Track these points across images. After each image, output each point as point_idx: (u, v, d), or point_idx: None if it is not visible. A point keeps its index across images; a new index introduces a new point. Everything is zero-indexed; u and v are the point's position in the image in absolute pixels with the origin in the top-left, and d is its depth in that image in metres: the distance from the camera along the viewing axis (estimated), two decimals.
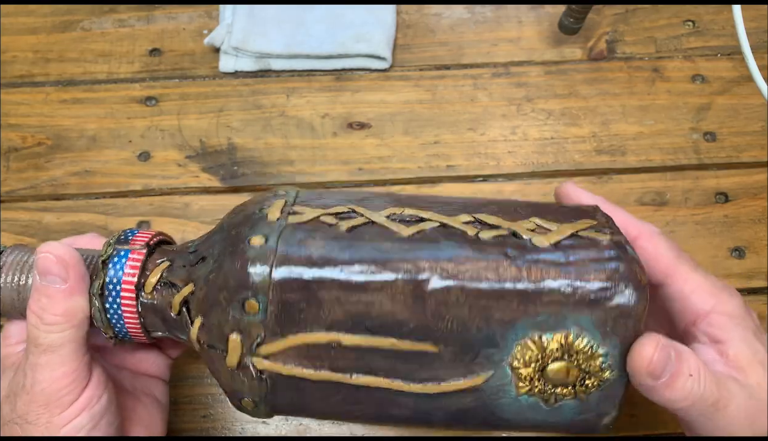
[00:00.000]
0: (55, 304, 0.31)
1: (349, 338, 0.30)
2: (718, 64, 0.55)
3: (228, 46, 0.54)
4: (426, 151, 0.52)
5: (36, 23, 0.57)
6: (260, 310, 0.30)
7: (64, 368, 0.31)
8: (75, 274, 0.32)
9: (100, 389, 0.33)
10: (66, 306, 0.32)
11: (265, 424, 0.45)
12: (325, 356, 0.31)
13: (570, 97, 0.54)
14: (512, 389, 0.31)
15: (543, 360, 0.30)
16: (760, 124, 0.52)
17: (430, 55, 0.56)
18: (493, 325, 0.30)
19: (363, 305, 0.30)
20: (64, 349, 0.31)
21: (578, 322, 0.30)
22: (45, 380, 0.31)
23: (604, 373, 0.30)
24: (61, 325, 0.31)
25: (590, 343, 0.30)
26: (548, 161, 0.52)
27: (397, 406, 0.32)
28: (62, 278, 0.32)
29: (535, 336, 0.30)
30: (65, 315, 0.32)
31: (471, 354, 0.30)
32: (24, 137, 0.53)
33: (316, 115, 0.53)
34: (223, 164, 0.52)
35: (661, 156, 0.52)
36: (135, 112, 0.54)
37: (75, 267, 0.32)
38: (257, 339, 0.31)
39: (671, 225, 0.50)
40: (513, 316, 0.30)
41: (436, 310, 0.30)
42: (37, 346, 0.31)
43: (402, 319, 0.30)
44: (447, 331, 0.30)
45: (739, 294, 0.34)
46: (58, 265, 0.32)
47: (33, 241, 0.49)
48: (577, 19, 0.51)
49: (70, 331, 0.32)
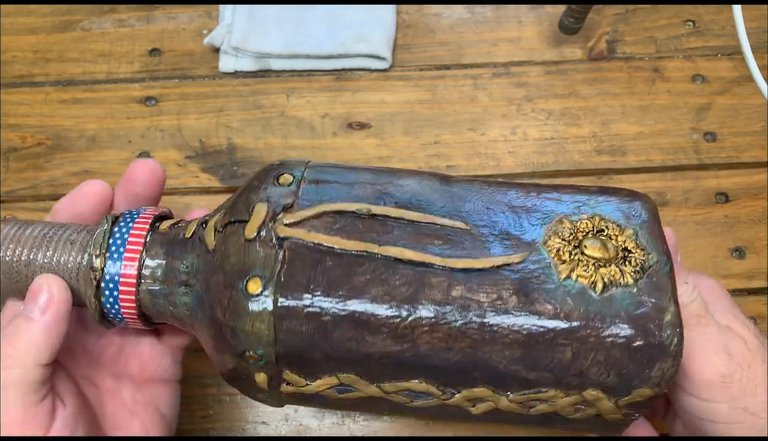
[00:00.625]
0: (19, 335, 0.30)
1: (379, 208, 0.31)
2: (719, 64, 0.55)
3: (228, 46, 0.54)
4: (426, 151, 0.52)
5: (36, 23, 0.57)
6: (293, 182, 0.32)
7: (9, 415, 0.29)
8: (52, 315, 0.30)
9: (66, 431, 0.30)
10: (28, 343, 0.29)
11: (265, 425, 0.45)
12: (352, 228, 0.30)
13: (570, 97, 0.54)
14: (553, 273, 0.29)
15: (576, 236, 0.30)
16: (761, 124, 0.52)
17: (430, 55, 0.55)
18: (518, 211, 0.32)
19: (392, 185, 0.32)
20: (7, 391, 0.29)
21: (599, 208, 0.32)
22: (2, 417, 0.29)
23: (642, 254, 0.30)
24: (12, 361, 0.29)
25: (617, 220, 0.31)
26: (548, 161, 0.52)
27: (429, 287, 0.29)
28: (41, 311, 0.30)
29: (562, 217, 0.31)
30: (23, 351, 0.29)
31: (501, 234, 0.31)
32: (24, 137, 0.53)
33: (316, 115, 0.53)
34: (223, 164, 0.52)
35: (661, 156, 0.52)
36: (135, 112, 0.54)
37: (57, 307, 0.31)
38: (284, 208, 0.31)
39: (671, 225, 0.49)
40: (534, 202, 0.32)
41: (460, 193, 0.32)
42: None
43: (431, 197, 0.32)
44: (474, 212, 0.31)
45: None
46: (46, 299, 0.30)
47: None
48: (577, 19, 0.51)
49: (17, 372, 0.29)
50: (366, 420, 0.45)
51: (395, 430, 0.45)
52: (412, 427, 0.45)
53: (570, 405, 0.30)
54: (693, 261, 0.48)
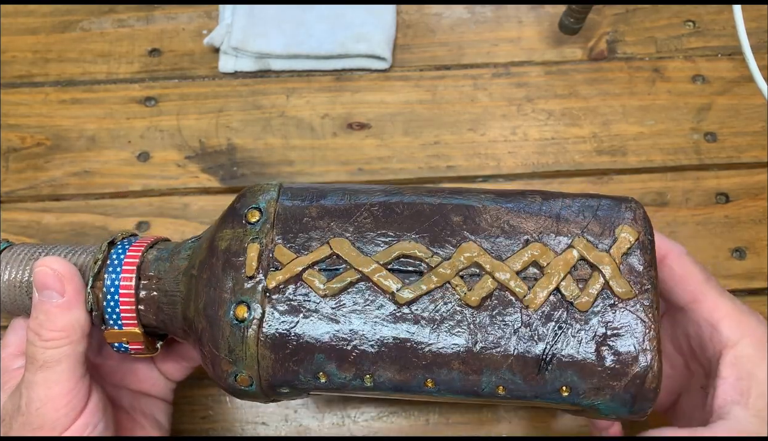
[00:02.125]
0: (53, 320, 0.31)
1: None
2: (719, 65, 0.55)
3: (227, 47, 0.54)
4: (426, 151, 0.52)
5: (35, 23, 0.57)
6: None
7: (59, 387, 0.31)
8: (72, 288, 0.31)
9: (96, 416, 0.32)
10: (64, 321, 0.31)
11: (264, 425, 0.45)
12: None
13: (570, 97, 0.54)
14: None
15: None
16: (761, 125, 0.52)
17: (430, 55, 0.55)
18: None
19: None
20: (60, 365, 0.31)
21: None
22: (40, 399, 0.30)
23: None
24: (59, 341, 0.31)
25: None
26: (549, 161, 0.52)
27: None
28: (59, 292, 0.31)
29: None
30: (63, 330, 0.31)
31: None
32: (23, 137, 0.53)
33: (316, 115, 0.53)
34: (223, 165, 0.52)
35: (661, 156, 0.52)
36: (134, 112, 0.54)
37: (71, 280, 0.32)
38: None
39: (672, 225, 0.49)
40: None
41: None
42: (33, 363, 0.31)
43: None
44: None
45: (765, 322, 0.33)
46: (54, 278, 0.31)
47: (33, 241, 0.49)
48: (577, 19, 0.51)
49: (68, 347, 0.31)
50: (366, 421, 0.45)
51: (395, 430, 0.45)
52: (413, 426, 0.45)
53: (565, 265, 0.31)
54: None
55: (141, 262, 0.33)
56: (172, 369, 0.39)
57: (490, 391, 0.31)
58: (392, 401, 0.45)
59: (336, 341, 0.31)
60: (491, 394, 0.31)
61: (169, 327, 0.34)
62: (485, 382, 0.31)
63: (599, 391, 0.30)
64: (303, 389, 0.32)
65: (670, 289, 0.34)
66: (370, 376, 0.31)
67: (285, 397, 0.33)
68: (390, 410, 0.45)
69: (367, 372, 0.31)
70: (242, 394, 0.32)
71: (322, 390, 0.32)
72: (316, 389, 0.32)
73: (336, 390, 0.32)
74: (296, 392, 0.33)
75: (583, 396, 0.30)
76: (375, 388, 0.31)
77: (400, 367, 0.31)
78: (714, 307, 0.33)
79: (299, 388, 0.32)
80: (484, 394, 0.31)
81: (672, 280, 0.34)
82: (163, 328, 0.34)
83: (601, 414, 0.31)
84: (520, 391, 0.31)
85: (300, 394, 0.33)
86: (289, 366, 0.31)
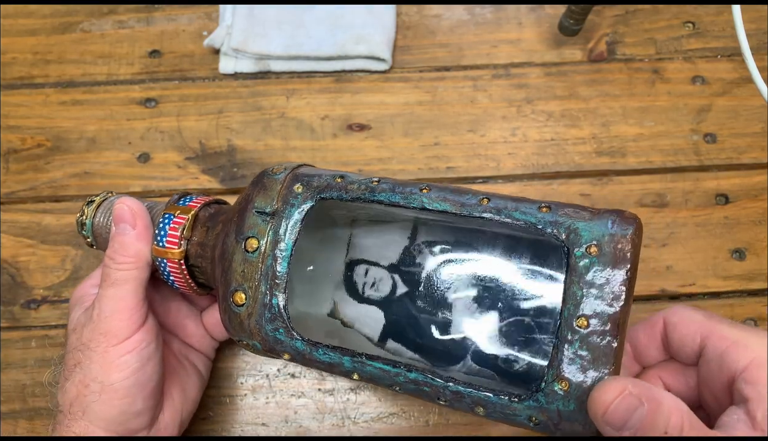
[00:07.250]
0: (126, 248, 0.37)
1: None
2: (718, 66, 0.55)
3: (228, 48, 0.54)
4: (426, 152, 0.52)
5: (36, 25, 0.57)
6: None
7: (125, 302, 0.37)
8: (141, 223, 0.38)
9: (150, 335, 0.37)
10: (133, 250, 0.37)
11: (264, 426, 0.45)
12: None
13: (570, 98, 0.54)
14: None
15: None
16: (761, 126, 0.52)
17: (430, 57, 0.55)
18: None
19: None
20: (127, 284, 0.37)
21: None
22: (108, 310, 0.36)
23: None
24: (128, 265, 0.37)
25: None
26: (548, 162, 0.52)
27: None
28: (132, 226, 0.38)
29: None
30: (133, 257, 0.37)
31: None
32: (23, 139, 0.53)
33: (316, 116, 0.53)
34: (223, 166, 0.52)
35: (661, 157, 0.52)
36: (134, 113, 0.54)
37: (142, 217, 0.38)
38: None
39: (671, 226, 0.49)
40: None
41: None
42: (106, 280, 0.37)
43: None
44: None
45: None
46: (129, 214, 0.38)
47: (33, 242, 0.49)
48: (577, 20, 0.51)
49: (135, 271, 0.37)
50: (366, 422, 0.45)
51: (395, 431, 0.45)
52: (413, 427, 0.45)
53: None
54: (693, 262, 0.48)
55: (199, 211, 0.39)
56: (215, 329, 0.43)
57: None
58: (392, 402, 0.45)
59: None
60: None
61: (207, 272, 0.39)
62: None
63: None
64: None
65: (677, 345, 0.34)
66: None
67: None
68: (390, 411, 0.45)
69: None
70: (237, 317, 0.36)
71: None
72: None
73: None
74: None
75: None
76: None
77: None
78: (720, 337, 0.32)
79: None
80: None
81: (679, 334, 0.33)
82: (202, 273, 0.39)
83: None
84: None
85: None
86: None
